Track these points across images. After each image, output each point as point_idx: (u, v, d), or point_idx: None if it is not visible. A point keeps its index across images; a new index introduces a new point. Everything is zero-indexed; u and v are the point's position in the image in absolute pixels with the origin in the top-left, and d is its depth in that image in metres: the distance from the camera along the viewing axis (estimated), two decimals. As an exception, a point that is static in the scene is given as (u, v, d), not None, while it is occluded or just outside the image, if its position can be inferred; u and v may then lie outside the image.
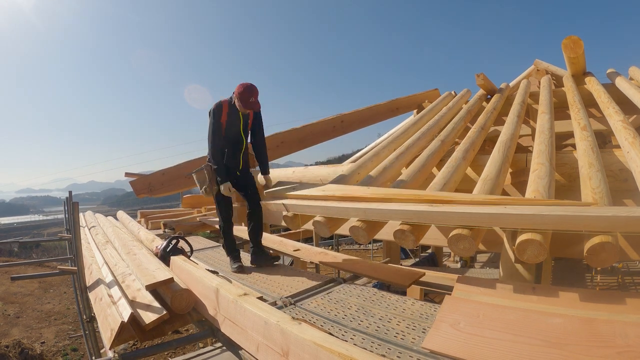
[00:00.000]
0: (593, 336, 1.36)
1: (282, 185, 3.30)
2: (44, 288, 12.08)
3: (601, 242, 1.50)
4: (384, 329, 1.85)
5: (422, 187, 2.73)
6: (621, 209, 1.59)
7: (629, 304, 1.54)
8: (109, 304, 2.62)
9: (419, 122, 4.76)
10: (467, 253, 1.86)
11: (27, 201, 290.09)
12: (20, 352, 6.90)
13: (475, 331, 1.55)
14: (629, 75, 5.53)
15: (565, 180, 3.00)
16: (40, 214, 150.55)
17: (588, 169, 2.32)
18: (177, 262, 3.02)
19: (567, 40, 5.16)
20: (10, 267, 11.99)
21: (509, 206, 1.85)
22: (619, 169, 2.76)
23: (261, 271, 3.16)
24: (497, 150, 3.03)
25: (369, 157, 3.67)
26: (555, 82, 6.25)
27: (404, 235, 2.04)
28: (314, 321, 1.99)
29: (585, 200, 2.00)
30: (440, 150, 3.60)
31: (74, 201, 3.40)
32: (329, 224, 2.47)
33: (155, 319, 2.21)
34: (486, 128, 4.11)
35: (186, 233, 5.32)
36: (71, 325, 9.43)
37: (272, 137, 5.91)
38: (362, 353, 1.43)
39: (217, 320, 2.20)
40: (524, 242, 1.63)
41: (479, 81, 5.96)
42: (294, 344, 1.58)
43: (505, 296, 1.81)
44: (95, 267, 3.59)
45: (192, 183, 5.54)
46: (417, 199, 2.23)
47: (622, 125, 2.93)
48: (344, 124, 6.77)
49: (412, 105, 7.61)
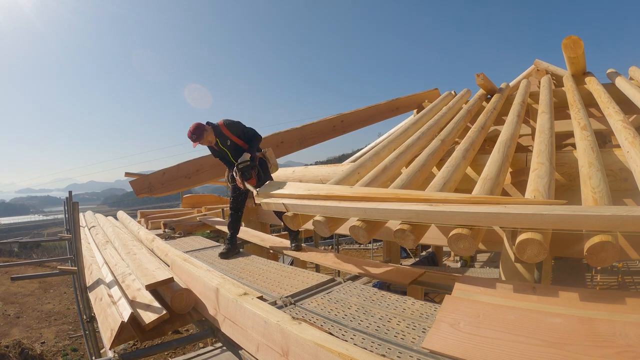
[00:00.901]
0: (593, 336, 1.36)
1: (271, 186, 3.33)
2: (44, 288, 12.08)
3: (601, 242, 1.50)
4: (384, 329, 1.85)
5: (422, 187, 2.73)
6: (621, 209, 1.59)
7: (629, 303, 1.54)
8: (109, 303, 2.62)
9: (419, 121, 4.76)
10: (467, 252, 1.86)
11: (27, 201, 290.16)
12: (20, 352, 6.90)
13: (475, 331, 1.55)
14: (629, 75, 5.53)
15: (565, 180, 3.00)
16: (40, 214, 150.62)
17: (588, 168, 2.32)
18: (177, 262, 3.02)
19: (567, 40, 5.16)
20: (11, 267, 11.99)
21: (509, 205, 1.85)
22: (619, 168, 2.76)
23: (261, 270, 3.17)
24: (497, 149, 3.03)
25: (369, 157, 3.67)
26: (555, 82, 6.25)
27: (404, 235, 2.04)
28: (314, 321, 1.99)
29: (585, 199, 2.00)
30: (440, 149, 3.60)
31: (74, 201, 3.40)
32: (329, 223, 2.47)
33: (155, 318, 2.21)
34: (486, 128, 4.10)
35: (186, 233, 5.33)
36: (71, 325, 9.44)
37: (272, 137, 5.91)
38: (362, 353, 1.43)
39: (217, 320, 2.20)
40: (524, 242, 1.63)
41: (479, 81, 5.95)
42: (294, 343, 1.59)
43: (505, 296, 1.80)
44: (95, 267, 3.59)
45: (192, 183, 5.55)
46: (417, 198, 2.23)
47: (622, 125, 2.93)
48: (344, 123, 6.76)
49: (412, 105, 7.61)
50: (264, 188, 3.31)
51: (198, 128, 3.47)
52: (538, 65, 7.16)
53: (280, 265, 3.35)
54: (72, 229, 3.38)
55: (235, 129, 3.61)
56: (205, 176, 5.56)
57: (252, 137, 3.68)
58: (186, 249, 4.21)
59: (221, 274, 2.78)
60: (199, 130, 3.47)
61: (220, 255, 3.75)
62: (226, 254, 3.75)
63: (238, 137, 3.61)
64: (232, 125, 3.61)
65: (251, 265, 3.39)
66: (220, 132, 3.58)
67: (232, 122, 3.63)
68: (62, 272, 3.92)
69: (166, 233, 5.26)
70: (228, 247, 3.82)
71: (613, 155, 2.80)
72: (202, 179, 5.58)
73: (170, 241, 4.77)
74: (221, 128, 3.58)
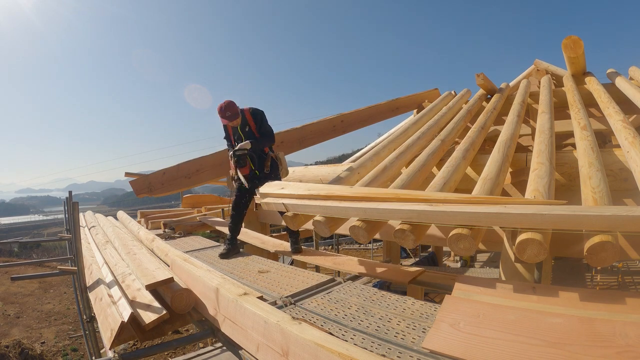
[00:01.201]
0: (593, 336, 1.36)
1: (271, 186, 3.33)
2: (44, 288, 12.08)
3: (601, 242, 1.50)
4: (384, 329, 1.85)
5: (422, 187, 2.73)
6: (621, 209, 1.59)
7: (629, 303, 1.54)
8: (109, 303, 2.62)
9: (419, 121, 4.76)
10: (467, 252, 1.86)
11: (27, 201, 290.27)
12: (20, 352, 6.90)
13: (475, 331, 1.55)
14: (629, 75, 5.53)
15: (565, 180, 3.00)
16: (40, 214, 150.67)
17: (588, 168, 2.32)
18: (177, 262, 3.02)
19: (567, 40, 5.16)
20: (11, 267, 11.99)
21: (509, 205, 1.85)
22: (619, 168, 2.76)
23: (261, 270, 3.17)
24: (497, 149, 3.03)
25: (369, 157, 3.67)
26: (555, 82, 6.24)
27: (404, 235, 2.04)
28: (314, 321, 1.99)
29: (585, 199, 2.00)
30: (440, 149, 3.60)
31: (74, 201, 3.40)
32: (328, 223, 2.47)
33: (155, 318, 2.21)
34: (486, 128, 4.10)
35: (186, 233, 5.33)
36: (71, 325, 9.44)
37: (272, 136, 5.91)
38: (362, 353, 1.43)
39: (217, 320, 2.20)
40: (524, 242, 1.63)
41: (479, 81, 5.95)
42: (294, 343, 1.59)
43: (505, 296, 1.80)
44: (95, 267, 3.59)
45: (192, 183, 5.55)
46: (417, 198, 2.23)
47: (622, 124, 2.93)
48: (344, 123, 6.76)
49: (412, 105, 7.60)
50: (264, 188, 3.31)
51: (233, 106, 3.47)
52: (538, 65, 7.16)
53: (281, 265, 3.35)
54: (72, 229, 3.38)
55: (256, 117, 3.62)
56: (205, 176, 5.55)
57: (267, 132, 3.67)
58: (186, 249, 4.22)
59: (221, 274, 2.78)
60: (234, 109, 3.47)
61: (221, 255, 3.75)
62: (226, 254, 3.75)
63: (256, 123, 3.61)
64: (256, 113, 3.63)
65: (251, 265, 3.39)
66: (244, 117, 3.60)
67: (257, 110, 3.66)
68: (62, 272, 3.92)
69: (166, 233, 5.26)
70: (228, 247, 3.82)
71: (613, 155, 2.80)
72: (202, 179, 5.58)
73: (170, 241, 4.77)
74: (246, 113, 3.61)
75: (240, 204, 3.84)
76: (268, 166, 3.68)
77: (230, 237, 3.87)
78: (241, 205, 3.85)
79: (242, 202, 3.84)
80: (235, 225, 3.87)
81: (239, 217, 3.88)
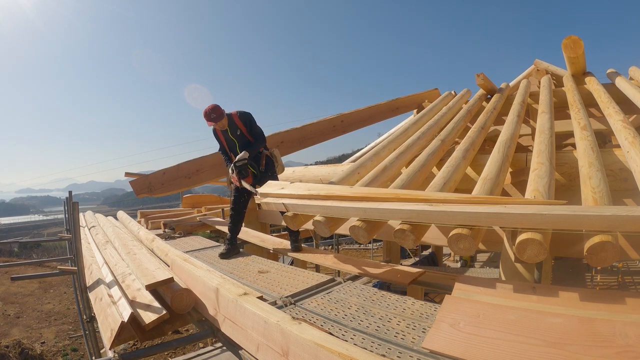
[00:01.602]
0: (593, 336, 1.36)
1: (271, 186, 3.33)
2: (44, 288, 12.08)
3: (601, 242, 1.50)
4: (384, 329, 1.85)
5: (422, 187, 2.73)
6: (621, 209, 1.59)
7: (629, 303, 1.54)
8: (109, 303, 2.62)
9: (419, 121, 4.76)
10: (467, 252, 1.86)
11: (27, 201, 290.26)
12: (20, 352, 6.90)
13: (475, 331, 1.55)
14: (629, 75, 5.53)
15: (565, 180, 3.00)
16: (40, 214, 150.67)
17: (588, 168, 2.32)
18: (177, 262, 3.02)
19: (567, 40, 5.16)
20: (11, 267, 11.99)
21: (509, 205, 1.85)
22: (619, 168, 2.76)
23: (261, 270, 3.16)
24: (497, 149, 3.03)
25: (369, 157, 3.67)
26: (555, 82, 6.24)
27: (404, 235, 2.04)
28: (314, 321, 1.99)
29: (585, 199, 2.00)
30: (440, 149, 3.60)
31: (74, 201, 3.40)
32: (328, 223, 2.47)
33: (155, 318, 2.21)
34: (486, 128, 4.10)
35: (186, 233, 5.33)
36: (71, 325, 9.44)
37: (272, 137, 5.90)
38: (362, 353, 1.43)
39: (217, 320, 2.20)
40: (524, 242, 1.63)
41: (479, 81, 5.95)
42: (294, 343, 1.59)
43: (505, 296, 1.80)
44: (95, 267, 3.59)
45: (192, 183, 5.55)
46: (417, 198, 2.23)
47: (622, 124, 2.93)
48: (344, 123, 6.76)
49: (412, 105, 7.60)
50: (264, 188, 3.31)
51: (218, 109, 3.51)
52: (538, 65, 7.16)
53: (280, 265, 3.35)
54: (72, 229, 3.38)
55: (245, 119, 3.63)
56: (205, 176, 5.55)
57: (259, 135, 3.69)
58: (186, 249, 4.22)
59: (221, 274, 2.78)
60: (218, 110, 3.51)
61: (221, 255, 3.75)
62: (226, 254, 3.75)
63: (245, 126, 3.62)
64: (244, 116, 3.64)
65: (251, 265, 3.39)
66: (233, 121, 3.61)
67: (244, 112, 3.68)
68: (62, 272, 3.92)
69: (166, 233, 5.26)
70: (228, 247, 3.82)
71: (613, 155, 2.80)
72: (202, 179, 5.58)
73: (170, 241, 4.77)
74: (234, 117, 3.62)
75: (239, 203, 3.85)
76: (263, 164, 3.72)
77: (230, 237, 3.87)
78: (240, 205, 3.86)
79: (240, 202, 3.85)
80: (235, 225, 3.88)
81: (239, 217, 3.89)
